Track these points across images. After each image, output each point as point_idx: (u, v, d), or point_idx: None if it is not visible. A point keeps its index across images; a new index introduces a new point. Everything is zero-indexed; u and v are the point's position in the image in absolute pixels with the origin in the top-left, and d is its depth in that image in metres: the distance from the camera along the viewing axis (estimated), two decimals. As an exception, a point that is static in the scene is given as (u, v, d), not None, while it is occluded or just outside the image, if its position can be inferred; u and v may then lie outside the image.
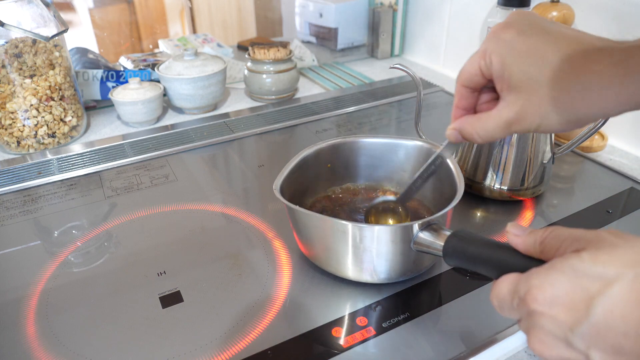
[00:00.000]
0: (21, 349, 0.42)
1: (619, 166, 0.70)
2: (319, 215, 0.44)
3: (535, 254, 0.30)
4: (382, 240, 0.42)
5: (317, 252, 0.47)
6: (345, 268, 0.46)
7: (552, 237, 0.29)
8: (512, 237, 0.32)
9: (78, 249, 0.54)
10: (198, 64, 0.84)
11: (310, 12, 1.19)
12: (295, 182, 0.51)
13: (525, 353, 0.42)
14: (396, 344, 0.42)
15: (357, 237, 0.42)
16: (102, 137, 0.80)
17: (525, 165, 0.58)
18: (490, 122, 0.34)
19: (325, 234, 0.45)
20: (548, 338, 0.27)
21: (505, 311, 0.30)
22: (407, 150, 0.55)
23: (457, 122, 0.38)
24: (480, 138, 0.36)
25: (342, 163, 0.57)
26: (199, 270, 0.50)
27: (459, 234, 0.38)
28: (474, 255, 0.36)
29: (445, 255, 0.39)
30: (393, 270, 0.45)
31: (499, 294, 0.30)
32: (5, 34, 0.68)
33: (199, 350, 0.41)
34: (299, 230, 0.48)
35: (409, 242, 0.42)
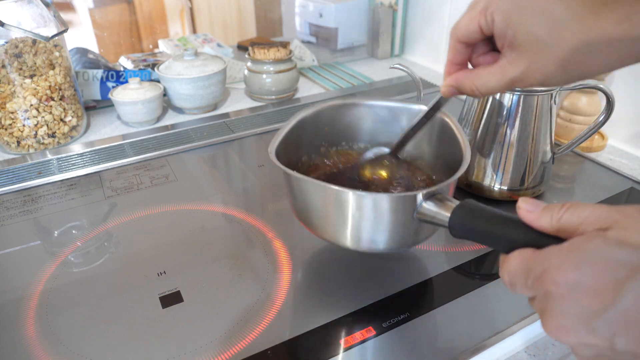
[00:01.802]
0: (21, 349, 0.42)
1: (619, 166, 0.70)
2: (319, 183, 0.41)
3: (552, 231, 0.28)
4: (383, 209, 0.40)
5: (314, 220, 0.45)
6: (342, 237, 0.43)
7: (570, 214, 0.27)
8: (524, 213, 0.30)
9: (78, 249, 0.54)
10: (198, 64, 0.84)
11: (310, 12, 1.19)
12: (291, 145, 0.49)
13: (525, 353, 0.42)
14: (396, 344, 0.42)
15: (357, 206, 0.40)
16: (102, 137, 0.80)
17: (525, 165, 0.58)
18: (492, 78, 0.34)
19: (324, 202, 0.42)
20: (568, 322, 0.25)
21: (517, 288, 0.28)
22: (410, 115, 0.53)
23: (453, 77, 0.37)
24: (480, 93, 0.35)
25: (341, 127, 0.54)
26: (199, 270, 0.50)
27: (467, 206, 0.36)
28: (483, 229, 0.33)
29: (451, 228, 0.37)
30: (393, 240, 0.42)
31: (510, 269, 0.29)
32: (5, 34, 0.68)
33: (199, 350, 0.41)
34: (295, 196, 0.45)
35: (412, 212, 0.39)
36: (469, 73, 0.36)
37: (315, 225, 0.45)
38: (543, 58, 0.31)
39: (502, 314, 0.45)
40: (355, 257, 0.52)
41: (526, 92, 0.54)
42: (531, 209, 0.29)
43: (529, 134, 0.57)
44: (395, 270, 0.50)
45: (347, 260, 0.51)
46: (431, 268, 0.50)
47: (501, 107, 0.56)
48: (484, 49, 0.36)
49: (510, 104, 0.56)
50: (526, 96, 0.55)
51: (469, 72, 0.36)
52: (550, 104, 0.56)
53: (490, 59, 0.35)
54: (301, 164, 0.53)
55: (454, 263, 0.51)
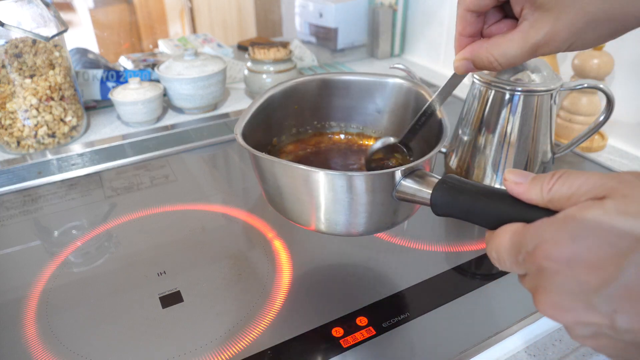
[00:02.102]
0: (21, 349, 0.42)
1: (619, 166, 0.70)
2: (289, 163, 0.38)
3: (542, 203, 0.26)
4: (358, 189, 0.37)
5: (286, 205, 0.42)
6: (317, 221, 0.40)
7: (561, 183, 0.25)
8: (511, 186, 0.27)
9: (78, 249, 0.54)
10: (198, 64, 0.84)
11: (310, 12, 1.19)
12: (260, 127, 0.46)
13: (525, 353, 0.42)
14: (396, 344, 0.42)
15: (330, 187, 0.37)
16: (102, 137, 0.80)
17: (525, 165, 0.58)
18: (512, 46, 0.31)
19: (294, 184, 0.39)
20: (563, 299, 0.23)
21: (507, 265, 0.27)
22: (384, 89, 0.50)
23: (467, 50, 0.33)
24: (500, 65, 0.32)
25: (312, 105, 0.51)
26: (199, 270, 0.50)
27: (449, 181, 0.33)
28: (467, 205, 0.31)
29: (433, 205, 0.34)
30: (371, 222, 0.40)
31: (499, 246, 0.27)
32: (5, 34, 0.68)
33: (199, 350, 0.41)
34: (265, 181, 0.42)
35: (391, 190, 0.37)
36: (485, 43, 0.32)
37: (288, 210, 0.42)
38: (569, 14, 0.28)
39: (502, 314, 0.45)
40: (355, 257, 0.52)
41: (526, 92, 0.54)
42: (519, 181, 0.27)
43: (529, 134, 0.57)
44: (395, 270, 0.50)
45: (347, 260, 0.51)
46: (431, 268, 0.50)
47: (501, 107, 0.56)
48: (496, 16, 0.33)
49: (510, 104, 0.56)
50: (526, 96, 0.55)
51: (484, 42, 0.32)
52: (550, 104, 0.56)
53: (504, 27, 0.33)
54: (271, 147, 0.50)
55: (454, 263, 0.51)
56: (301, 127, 0.52)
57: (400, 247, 0.54)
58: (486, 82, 0.56)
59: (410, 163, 0.36)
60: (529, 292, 0.26)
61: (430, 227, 0.57)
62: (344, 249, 0.53)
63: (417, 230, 0.56)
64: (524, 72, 0.55)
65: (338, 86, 0.51)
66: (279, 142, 0.51)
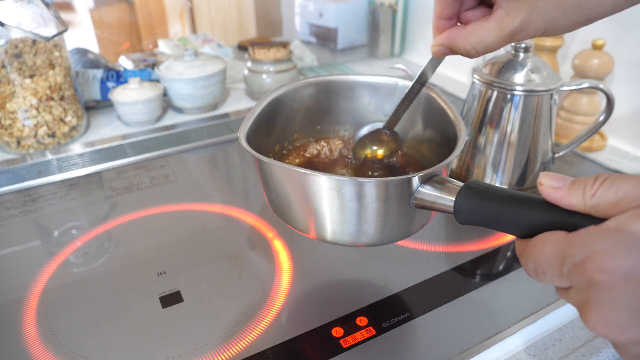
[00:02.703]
0: (21, 349, 0.42)
1: (619, 166, 0.70)
2: (295, 168, 0.35)
3: (584, 210, 0.24)
4: (370, 196, 0.34)
5: (291, 212, 0.39)
6: (324, 230, 0.38)
7: (607, 188, 0.23)
8: (548, 191, 0.25)
9: (78, 249, 0.54)
10: (198, 64, 0.84)
11: (310, 12, 1.19)
12: (263, 130, 0.44)
13: (525, 353, 0.42)
14: (396, 344, 0.42)
15: (340, 194, 0.35)
16: (102, 137, 0.80)
17: (525, 165, 0.58)
18: (489, 34, 0.31)
19: (300, 190, 0.37)
20: (619, 316, 0.21)
21: (547, 278, 0.25)
22: (391, 90, 0.48)
23: (444, 36, 0.34)
24: (476, 52, 0.32)
25: (316, 108, 0.49)
26: (199, 270, 0.50)
27: (474, 187, 0.31)
28: (497, 212, 0.29)
29: (458, 213, 0.32)
30: (386, 231, 0.37)
31: (538, 257, 0.25)
32: (5, 34, 0.68)
33: (199, 350, 0.41)
34: (269, 186, 0.40)
35: (408, 198, 0.35)
36: (462, 30, 0.32)
37: (293, 219, 0.40)
38: (544, 2, 0.29)
39: (502, 314, 0.45)
40: (355, 256, 0.52)
41: (526, 92, 0.54)
42: (557, 185, 0.25)
43: (529, 134, 0.57)
44: (396, 270, 0.50)
45: (347, 260, 0.51)
46: (431, 268, 0.50)
47: (501, 107, 0.56)
48: (473, 2, 0.34)
49: (510, 104, 0.56)
50: (526, 96, 0.55)
51: (461, 29, 0.32)
52: (550, 104, 0.56)
53: (479, 14, 0.33)
54: (274, 153, 0.49)
55: (454, 263, 0.51)
56: (305, 131, 0.51)
57: (400, 247, 0.54)
58: (486, 82, 0.56)
59: (428, 169, 0.34)
60: (574, 306, 0.24)
61: (430, 227, 0.57)
62: (344, 249, 0.53)
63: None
64: (524, 72, 0.55)
65: (344, 88, 0.49)
66: (281, 148, 0.49)
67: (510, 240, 0.55)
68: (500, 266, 0.51)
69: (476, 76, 0.58)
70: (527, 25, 0.30)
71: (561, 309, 0.45)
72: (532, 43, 0.55)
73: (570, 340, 0.43)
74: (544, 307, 0.45)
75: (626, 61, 0.72)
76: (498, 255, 0.53)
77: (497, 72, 0.56)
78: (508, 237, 0.55)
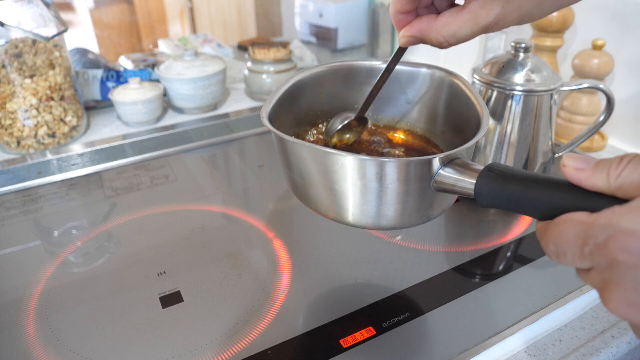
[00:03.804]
0: (21, 349, 0.42)
1: (619, 166, 0.70)
2: (319, 147, 0.36)
3: (608, 191, 0.24)
4: (390, 177, 0.34)
5: (312, 192, 0.39)
6: (345, 212, 0.38)
7: (633, 168, 0.23)
8: (572, 172, 0.25)
9: (78, 249, 0.54)
10: (198, 64, 0.84)
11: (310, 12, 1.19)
12: (285, 112, 0.44)
13: (525, 353, 0.42)
14: (396, 344, 0.42)
15: (361, 173, 0.35)
16: (102, 137, 0.80)
17: (525, 165, 0.58)
18: (462, 27, 0.31)
19: (323, 170, 0.37)
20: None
21: (568, 259, 0.24)
22: (415, 78, 0.48)
23: (415, 28, 0.33)
24: (448, 44, 0.32)
25: (339, 93, 0.49)
26: (199, 270, 0.50)
27: (496, 169, 0.31)
28: (518, 194, 0.28)
29: (478, 195, 0.32)
30: (406, 214, 0.37)
31: (559, 237, 0.24)
32: (5, 34, 0.68)
33: (199, 350, 0.41)
34: (291, 167, 0.40)
35: (429, 180, 0.34)
36: (433, 22, 0.32)
37: (314, 200, 0.40)
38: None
39: (502, 314, 0.45)
40: (355, 256, 0.52)
41: (526, 92, 0.54)
42: (581, 166, 0.25)
43: (529, 134, 0.57)
44: (395, 270, 0.50)
45: (347, 260, 0.51)
46: (431, 268, 0.50)
47: (501, 107, 0.56)
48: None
49: (510, 104, 0.56)
50: (526, 96, 0.55)
51: (432, 21, 0.32)
52: (550, 104, 0.56)
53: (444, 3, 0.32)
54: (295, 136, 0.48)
55: (454, 263, 0.51)
56: (328, 116, 0.50)
57: (400, 247, 0.54)
58: (486, 82, 0.56)
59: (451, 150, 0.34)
60: (594, 288, 0.24)
61: (430, 227, 0.57)
62: (345, 249, 0.53)
63: (417, 230, 0.56)
64: (524, 72, 0.55)
65: (366, 74, 0.48)
66: (303, 131, 0.49)
67: (511, 240, 0.55)
68: (500, 266, 0.51)
69: (476, 76, 0.58)
70: (502, 19, 0.30)
71: (561, 309, 0.45)
72: (532, 43, 0.55)
73: (570, 340, 0.43)
74: (544, 307, 0.45)
75: (626, 61, 0.72)
76: (498, 255, 0.53)
77: (497, 72, 0.56)
78: (508, 237, 0.55)
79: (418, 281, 0.48)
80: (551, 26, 0.73)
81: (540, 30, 0.75)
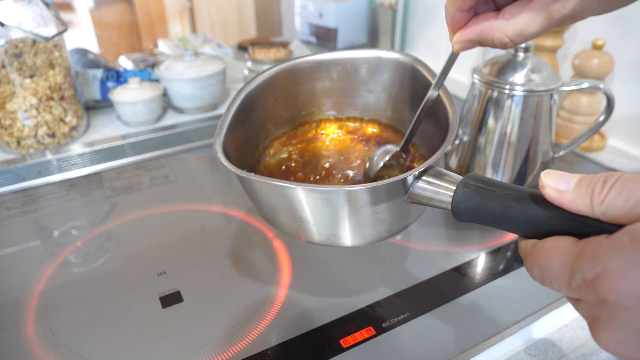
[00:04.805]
0: (21, 349, 0.42)
1: (619, 166, 0.70)
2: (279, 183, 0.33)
3: (593, 216, 0.22)
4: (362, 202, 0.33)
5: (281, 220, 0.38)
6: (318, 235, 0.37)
7: (618, 193, 0.21)
8: (553, 194, 0.23)
9: (78, 249, 0.54)
10: (198, 64, 0.84)
11: (310, 12, 1.19)
12: (241, 131, 0.41)
13: (525, 353, 0.42)
14: (396, 344, 0.42)
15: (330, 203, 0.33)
16: (102, 137, 0.80)
17: (525, 165, 0.58)
18: (531, 22, 0.27)
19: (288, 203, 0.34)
20: (633, 338, 0.20)
21: (554, 287, 0.23)
22: (370, 65, 0.45)
23: (472, 31, 0.30)
24: (513, 43, 0.29)
25: (294, 93, 0.46)
26: (199, 270, 0.50)
27: (473, 183, 0.28)
28: (498, 212, 0.26)
29: (455, 212, 0.30)
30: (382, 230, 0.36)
31: (545, 266, 0.23)
32: (5, 34, 0.68)
33: (199, 350, 0.41)
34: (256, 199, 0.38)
35: (403, 195, 0.33)
36: (495, 21, 0.29)
37: (285, 226, 0.38)
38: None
39: (502, 314, 0.45)
40: (355, 257, 0.52)
41: (526, 92, 0.54)
42: (562, 188, 0.23)
43: (529, 134, 0.57)
44: (396, 270, 0.50)
45: (347, 260, 0.51)
46: (431, 268, 0.50)
47: (501, 107, 0.56)
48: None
49: (510, 104, 0.56)
50: (526, 96, 0.55)
51: (494, 19, 0.29)
52: (550, 104, 0.56)
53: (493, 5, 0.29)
54: (259, 153, 0.46)
55: (454, 263, 0.51)
56: (287, 120, 0.47)
57: (400, 247, 0.54)
58: (486, 82, 0.56)
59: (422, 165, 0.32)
60: (584, 318, 0.23)
61: (430, 227, 0.57)
62: (344, 249, 0.53)
63: (417, 230, 0.56)
64: (524, 72, 0.55)
65: (320, 69, 0.45)
66: (266, 142, 0.46)
67: (511, 240, 0.55)
68: (500, 266, 0.51)
69: (476, 76, 0.58)
70: (581, 11, 0.26)
71: (561, 308, 0.45)
72: (532, 43, 0.55)
73: (570, 340, 0.43)
74: (544, 307, 0.45)
75: (626, 61, 0.72)
76: (498, 255, 0.53)
77: (497, 72, 0.56)
78: (508, 237, 0.55)
79: (418, 281, 0.48)
80: (551, 26, 0.73)
81: (540, 30, 0.75)
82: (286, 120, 0.47)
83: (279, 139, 0.48)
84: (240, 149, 0.38)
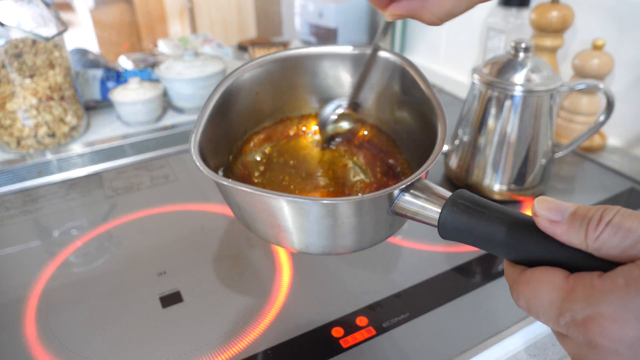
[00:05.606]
0: (21, 349, 0.42)
1: (619, 166, 0.70)
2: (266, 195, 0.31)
3: (586, 250, 0.22)
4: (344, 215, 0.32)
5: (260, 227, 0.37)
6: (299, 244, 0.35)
7: (613, 232, 0.20)
8: (546, 224, 0.23)
9: (78, 249, 0.54)
10: (198, 64, 0.84)
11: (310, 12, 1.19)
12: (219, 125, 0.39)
13: (525, 353, 0.42)
14: (396, 344, 0.42)
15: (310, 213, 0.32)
16: (102, 137, 0.80)
17: (525, 165, 0.58)
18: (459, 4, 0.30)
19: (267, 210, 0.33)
20: None
21: (541, 319, 0.22)
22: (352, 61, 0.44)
23: (403, 7, 0.32)
24: (441, 21, 0.31)
25: (276, 88, 0.45)
26: (199, 270, 0.50)
27: (461, 202, 0.27)
28: (487, 235, 0.25)
29: (442, 230, 0.29)
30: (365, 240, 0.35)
31: (531, 299, 0.22)
32: (5, 34, 0.68)
33: (199, 350, 0.41)
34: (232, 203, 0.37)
35: (387, 207, 0.32)
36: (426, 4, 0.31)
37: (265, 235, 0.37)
38: None
39: (502, 314, 0.45)
40: (355, 257, 0.52)
41: (526, 92, 0.54)
42: (556, 218, 0.22)
43: (529, 134, 0.57)
44: (395, 270, 0.50)
45: (347, 260, 0.51)
46: (431, 268, 0.50)
47: (501, 107, 0.56)
48: None
49: (510, 104, 0.56)
50: (526, 96, 0.55)
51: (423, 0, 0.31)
52: (550, 104, 0.56)
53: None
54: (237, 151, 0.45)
55: (454, 263, 0.51)
56: (268, 115, 0.46)
57: (400, 247, 0.54)
58: (486, 82, 0.56)
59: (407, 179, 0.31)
60: (569, 355, 0.22)
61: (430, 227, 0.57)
62: (344, 249, 0.53)
63: (417, 230, 0.56)
64: (524, 72, 0.55)
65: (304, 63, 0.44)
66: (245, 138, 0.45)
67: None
68: (500, 266, 0.51)
69: (476, 76, 0.58)
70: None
71: (561, 309, 0.45)
72: (532, 43, 0.55)
73: (570, 340, 0.43)
74: (544, 307, 0.45)
75: (626, 61, 0.72)
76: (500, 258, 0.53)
77: (497, 72, 0.56)
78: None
79: (418, 281, 0.48)
80: (551, 26, 0.73)
81: (540, 30, 0.75)
82: (267, 115, 0.46)
83: (258, 135, 0.46)
84: (218, 145, 0.37)
